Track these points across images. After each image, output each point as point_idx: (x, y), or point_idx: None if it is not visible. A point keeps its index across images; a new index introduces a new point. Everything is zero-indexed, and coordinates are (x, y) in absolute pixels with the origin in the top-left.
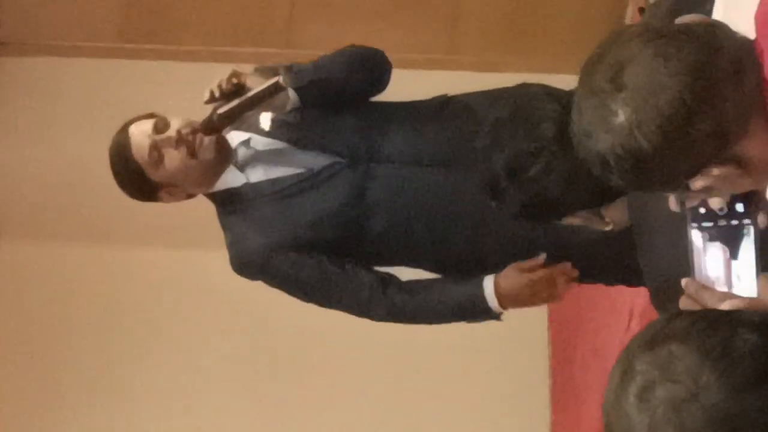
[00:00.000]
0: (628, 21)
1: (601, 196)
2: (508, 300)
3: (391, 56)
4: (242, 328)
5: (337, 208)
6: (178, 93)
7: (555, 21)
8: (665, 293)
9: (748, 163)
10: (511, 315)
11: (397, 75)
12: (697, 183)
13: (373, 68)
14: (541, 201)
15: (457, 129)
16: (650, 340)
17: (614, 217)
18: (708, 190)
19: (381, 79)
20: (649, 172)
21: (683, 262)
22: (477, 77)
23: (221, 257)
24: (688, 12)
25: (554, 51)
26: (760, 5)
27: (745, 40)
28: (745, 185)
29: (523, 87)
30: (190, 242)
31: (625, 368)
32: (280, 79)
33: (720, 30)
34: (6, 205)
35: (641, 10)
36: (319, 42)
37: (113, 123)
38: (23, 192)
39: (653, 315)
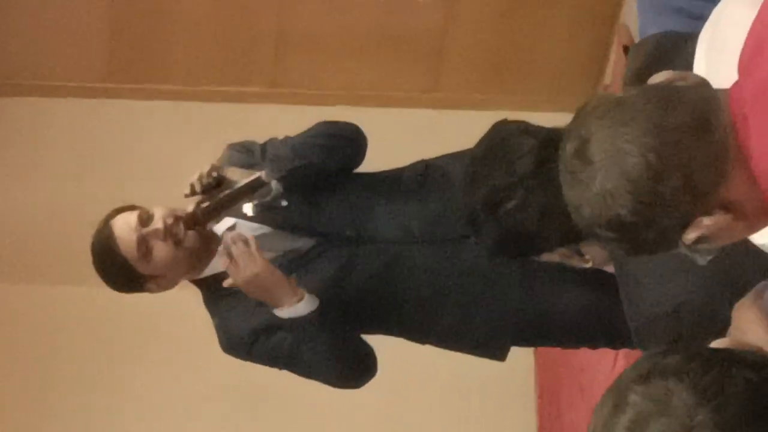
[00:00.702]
0: (612, 60)
1: (580, 232)
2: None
3: (375, 94)
4: (234, 369)
5: (324, 288)
6: (163, 132)
7: (538, 59)
8: (649, 332)
9: (736, 207)
10: None
11: (380, 113)
12: (690, 236)
13: (351, 147)
14: (518, 235)
15: (440, 204)
16: (645, 374)
17: (594, 254)
18: (706, 241)
19: (358, 157)
20: (636, 236)
21: (667, 296)
22: (459, 115)
23: None
24: (669, 53)
25: (537, 89)
26: (744, 47)
27: (711, 92)
28: (742, 230)
29: (500, 124)
30: None
31: (617, 401)
32: (262, 174)
33: (682, 82)
34: None
35: (626, 48)
36: (303, 80)
37: (98, 163)
38: (7, 233)
39: (639, 354)
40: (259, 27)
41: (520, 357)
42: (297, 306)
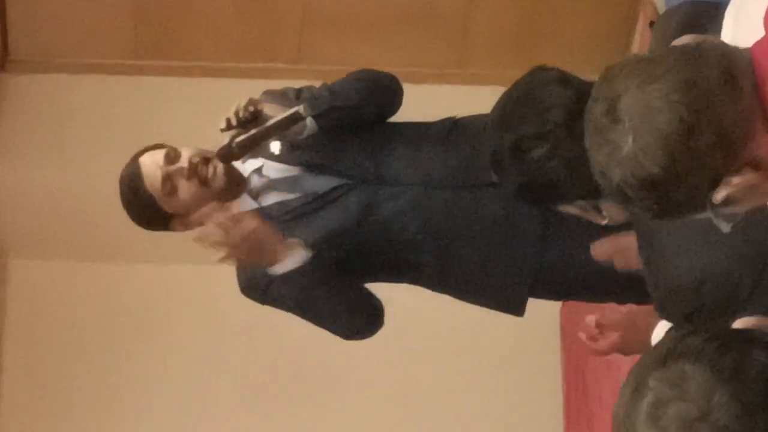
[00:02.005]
0: (638, 35)
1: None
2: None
3: (401, 70)
4: (252, 341)
5: (341, 229)
6: (189, 109)
7: (563, 34)
8: (671, 300)
9: (764, 165)
10: (523, 330)
11: (406, 89)
12: (719, 194)
13: (386, 95)
14: (540, 183)
15: (465, 152)
16: (663, 358)
17: (611, 212)
18: (735, 201)
19: (394, 105)
20: (668, 195)
21: (690, 269)
22: (486, 91)
23: (228, 271)
24: (698, 23)
25: (562, 64)
26: None
27: (734, 49)
28: None
29: (539, 70)
30: (198, 258)
31: (637, 385)
32: (300, 108)
33: (705, 43)
34: (15, 224)
35: (651, 23)
36: (329, 57)
37: (124, 139)
38: (33, 210)
39: None
40: (283, 2)
41: (546, 333)
42: (286, 261)
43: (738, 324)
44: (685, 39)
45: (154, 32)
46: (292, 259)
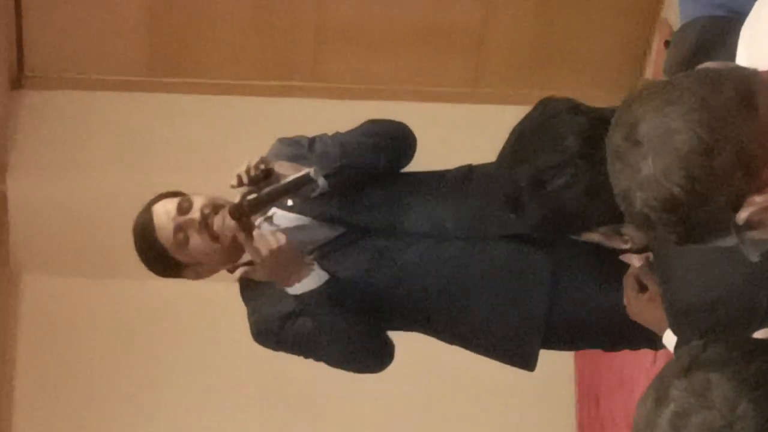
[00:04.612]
0: (653, 55)
1: (622, 213)
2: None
3: (415, 88)
4: (262, 358)
5: (352, 278)
6: (204, 126)
7: (578, 54)
8: (686, 320)
9: None
10: None
11: (420, 108)
12: (742, 214)
13: (399, 150)
14: (562, 214)
15: (478, 202)
16: (686, 367)
17: (633, 235)
18: (760, 224)
19: (407, 155)
20: (690, 217)
21: (704, 288)
22: (500, 110)
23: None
24: (712, 42)
25: (577, 84)
26: None
27: (753, 71)
28: None
29: (548, 101)
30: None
31: (659, 394)
32: (311, 171)
33: (721, 66)
34: (29, 239)
35: (666, 43)
36: (344, 74)
37: (138, 156)
38: (47, 226)
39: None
40: (298, 20)
41: (559, 353)
42: (304, 281)
43: (759, 335)
44: (705, 65)
45: (170, 49)
46: (311, 279)
